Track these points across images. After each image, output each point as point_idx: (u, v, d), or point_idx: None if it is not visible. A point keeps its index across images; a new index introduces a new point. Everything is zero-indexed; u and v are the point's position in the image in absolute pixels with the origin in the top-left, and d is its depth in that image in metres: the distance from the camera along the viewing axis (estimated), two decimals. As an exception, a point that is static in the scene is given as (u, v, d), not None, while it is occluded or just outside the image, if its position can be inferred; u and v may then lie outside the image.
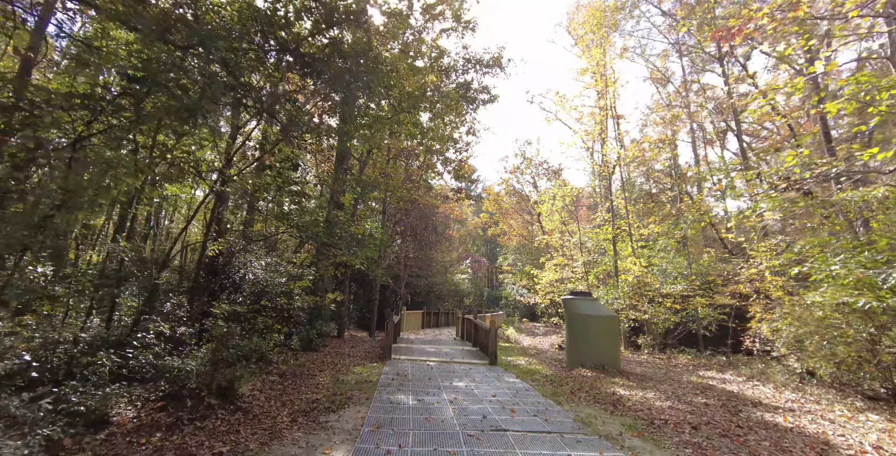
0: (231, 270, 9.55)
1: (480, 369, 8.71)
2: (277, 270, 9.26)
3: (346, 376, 7.28)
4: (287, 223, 6.10)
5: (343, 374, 7.54)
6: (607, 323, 9.76)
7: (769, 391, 7.50)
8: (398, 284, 21.29)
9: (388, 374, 7.61)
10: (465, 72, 13.87)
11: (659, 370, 9.79)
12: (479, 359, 10.10)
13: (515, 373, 8.47)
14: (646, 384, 7.67)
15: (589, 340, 9.65)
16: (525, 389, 6.88)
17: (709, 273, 12.97)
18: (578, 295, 10.34)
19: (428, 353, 10.79)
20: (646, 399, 6.43)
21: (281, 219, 5.84)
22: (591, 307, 9.94)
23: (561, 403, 5.99)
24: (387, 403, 5.51)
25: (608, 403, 6.13)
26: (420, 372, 7.98)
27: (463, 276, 33.88)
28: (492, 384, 7.12)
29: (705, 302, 11.93)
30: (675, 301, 12.24)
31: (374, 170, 15.56)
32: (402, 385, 6.68)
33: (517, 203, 34.86)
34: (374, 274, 13.07)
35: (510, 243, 34.71)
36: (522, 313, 30.97)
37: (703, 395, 6.90)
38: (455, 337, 15.75)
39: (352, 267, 12.03)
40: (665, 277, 13.58)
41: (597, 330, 9.67)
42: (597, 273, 17.74)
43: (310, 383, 6.58)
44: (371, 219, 14.02)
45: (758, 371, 8.96)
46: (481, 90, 13.59)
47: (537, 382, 7.62)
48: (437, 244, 25.25)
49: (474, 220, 40.06)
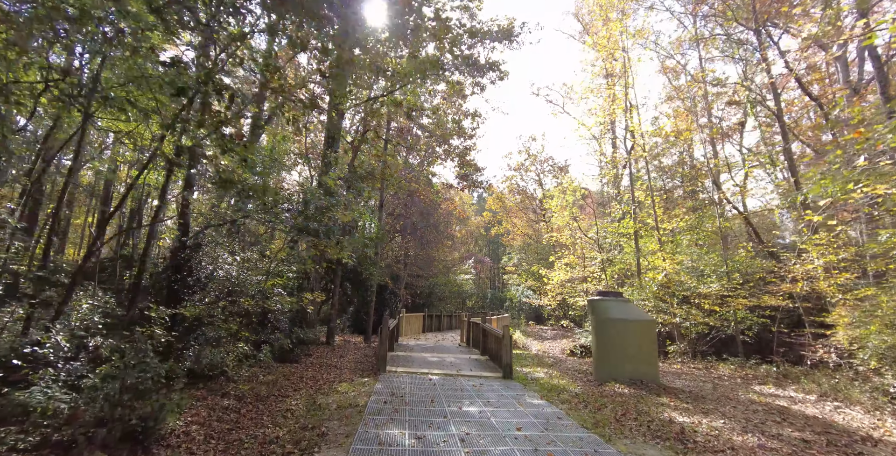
0: (194, 266, 8.03)
1: (494, 385, 7.16)
2: (249, 264, 7.74)
3: (325, 398, 5.73)
4: (230, 188, 4.51)
5: (323, 394, 5.99)
6: (643, 329, 8.22)
7: (860, 415, 5.94)
8: (398, 284, 19.75)
9: (381, 393, 6.06)
10: (470, 47, 12.38)
11: (703, 384, 8.23)
12: (491, 371, 8.55)
13: (537, 390, 6.92)
14: (703, 406, 6.11)
15: (622, 348, 8.10)
16: (555, 415, 5.33)
17: (745, 271, 11.39)
18: (608, 296, 8.79)
19: (430, 363, 9.24)
20: (716, 431, 4.88)
21: (225, 184, 4.30)
22: (624, 310, 8.40)
23: (610, 439, 4.44)
24: (374, 443, 3.97)
25: (671, 437, 4.58)
26: (420, 390, 6.43)
27: (466, 276, 32.34)
28: (512, 409, 5.57)
29: (748, 303, 10.37)
30: (714, 302, 10.67)
31: (370, 157, 14.07)
32: (396, 411, 5.13)
33: (521, 201, 33.46)
34: (369, 272, 11.55)
35: (514, 243, 33.22)
36: (528, 316, 29.40)
37: (788, 423, 5.33)
38: (460, 343, 14.20)
39: (342, 264, 10.52)
40: (697, 275, 12.00)
41: (631, 337, 8.13)
42: (613, 272, 16.19)
43: (276, 410, 5.03)
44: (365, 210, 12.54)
45: (829, 387, 7.39)
46: (489, 66, 12.07)
47: (568, 404, 6.06)
48: (439, 243, 23.72)
49: (477, 219, 38.53)
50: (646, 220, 14.26)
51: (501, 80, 12.46)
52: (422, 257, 21.81)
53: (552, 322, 26.77)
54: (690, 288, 11.48)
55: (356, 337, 14.83)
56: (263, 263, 7.27)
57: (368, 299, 13.35)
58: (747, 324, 11.15)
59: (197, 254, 8.30)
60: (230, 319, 6.34)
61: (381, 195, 13.77)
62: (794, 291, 9.35)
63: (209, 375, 5.99)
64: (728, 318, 11.26)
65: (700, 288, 11.04)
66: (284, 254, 7.29)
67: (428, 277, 23.17)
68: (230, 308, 6.65)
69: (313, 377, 6.98)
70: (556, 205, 20.14)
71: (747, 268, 11.44)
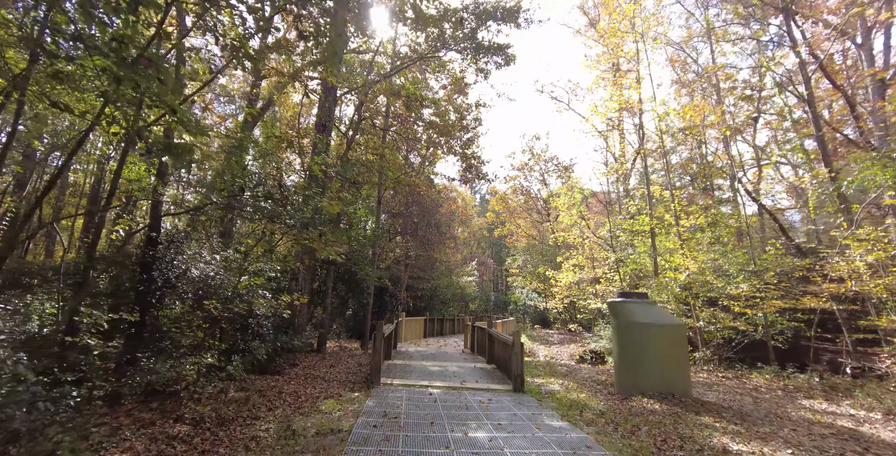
0: (164, 265, 7.11)
1: (504, 401, 6.18)
2: (227, 263, 6.81)
3: (304, 420, 4.77)
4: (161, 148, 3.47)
5: (303, 414, 5.03)
6: (673, 334, 7.23)
7: (947, 440, 4.94)
8: (398, 287, 18.80)
9: (371, 414, 5.10)
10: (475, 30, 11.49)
11: (741, 398, 7.23)
12: (500, 383, 7.57)
13: (555, 408, 5.93)
14: (757, 429, 5.11)
15: (649, 357, 7.12)
16: (583, 443, 4.35)
17: (777, 270, 10.38)
18: (631, 297, 7.81)
19: (431, 373, 8.27)
20: (788, 465, 3.90)
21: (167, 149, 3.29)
22: (650, 313, 7.42)
23: (660, 480, 3.46)
24: (354, 490, 3.01)
25: (734, 475, 3.60)
26: (418, 409, 5.47)
27: (470, 278, 31.37)
28: (529, 434, 4.59)
29: (783, 305, 9.36)
30: (746, 304, 9.67)
31: (367, 151, 13.18)
32: (387, 440, 4.17)
33: (525, 202, 32.58)
34: (365, 272, 10.59)
35: (518, 244, 32.28)
36: (533, 319, 28.40)
37: (872, 454, 4.34)
38: (463, 349, 13.20)
39: (334, 263, 9.58)
40: (721, 274, 11.00)
41: (659, 344, 7.14)
42: (626, 272, 15.19)
43: (238, 438, 4.08)
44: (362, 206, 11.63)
45: (894, 403, 6.38)
46: (494, 49, 11.17)
47: (594, 426, 5.08)
48: (441, 243, 22.79)
49: (479, 220, 37.60)
50: (662, 216, 13.29)
51: (508, 65, 11.56)
52: (423, 259, 20.87)
53: (558, 326, 25.74)
54: (716, 289, 10.48)
55: (353, 342, 13.86)
56: (238, 260, 6.33)
57: (365, 302, 12.38)
58: (778, 328, 10.15)
59: (169, 251, 7.40)
60: (195, 326, 5.40)
61: (380, 191, 12.85)
62: (838, 292, 8.33)
63: (169, 393, 5.05)
64: (756, 321, 10.25)
65: (729, 288, 10.03)
66: (261, 250, 6.37)
67: (430, 279, 22.22)
68: (198, 313, 5.71)
69: (294, 393, 6.01)
70: (564, 203, 19.16)
71: (777, 266, 10.42)
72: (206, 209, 6.05)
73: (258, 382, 6.30)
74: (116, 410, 4.49)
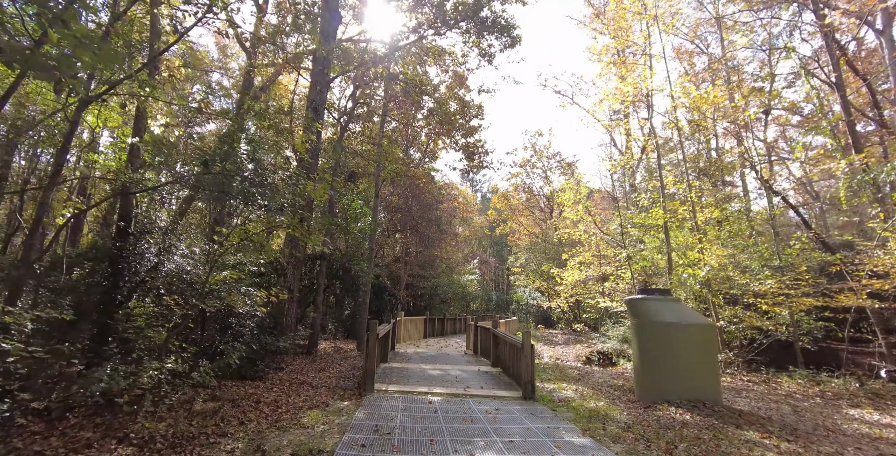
0: (133, 259, 6.37)
1: (514, 411, 5.42)
2: (197, 257, 6.06)
3: (279, 438, 4.01)
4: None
5: (280, 429, 4.27)
6: (701, 335, 6.47)
7: None
8: (397, 285, 18.04)
9: (360, 429, 4.34)
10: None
11: (777, 406, 6.46)
12: (506, 388, 6.81)
13: (572, 419, 5.17)
14: (817, 449, 4.35)
15: (674, 360, 6.35)
16: (614, 467, 3.59)
17: (807, 265, 9.61)
18: (653, 294, 7.04)
19: (430, 378, 7.51)
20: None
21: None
22: (675, 311, 6.65)
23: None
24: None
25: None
26: (416, 422, 4.71)
27: (471, 277, 30.62)
28: (548, 455, 3.83)
29: (815, 302, 8.59)
30: (774, 302, 8.90)
31: (364, 141, 12.44)
32: (377, 464, 3.42)
33: (528, 199, 31.90)
34: (360, 267, 9.84)
35: (520, 242, 31.55)
36: (536, 319, 27.66)
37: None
38: (466, 350, 12.44)
39: (325, 257, 8.83)
40: (743, 270, 10.22)
41: (686, 346, 6.38)
42: (636, 269, 14.42)
43: (194, 463, 3.33)
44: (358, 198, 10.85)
45: (957, 413, 5.63)
46: (499, 28, 10.39)
47: (622, 442, 4.31)
48: (441, 241, 22.01)
49: (480, 219, 36.86)
50: (676, 210, 12.52)
51: (513, 46, 10.79)
52: (423, 256, 20.11)
53: (562, 326, 24.98)
54: (738, 285, 9.71)
55: (349, 343, 13.10)
56: (212, 252, 5.58)
57: (361, 300, 11.63)
58: (804, 328, 9.39)
59: (140, 243, 6.66)
60: (158, 326, 4.65)
61: (377, 183, 12.09)
62: (883, 289, 7.55)
63: (126, 405, 4.29)
64: (781, 320, 9.48)
65: (753, 285, 9.26)
66: (236, 239, 5.62)
67: (430, 277, 21.45)
68: (164, 312, 4.96)
69: (274, 402, 5.26)
70: (569, 199, 18.37)
71: (805, 261, 9.65)
72: (164, 188, 5.30)
73: (234, 390, 5.54)
74: (53, 429, 3.74)
